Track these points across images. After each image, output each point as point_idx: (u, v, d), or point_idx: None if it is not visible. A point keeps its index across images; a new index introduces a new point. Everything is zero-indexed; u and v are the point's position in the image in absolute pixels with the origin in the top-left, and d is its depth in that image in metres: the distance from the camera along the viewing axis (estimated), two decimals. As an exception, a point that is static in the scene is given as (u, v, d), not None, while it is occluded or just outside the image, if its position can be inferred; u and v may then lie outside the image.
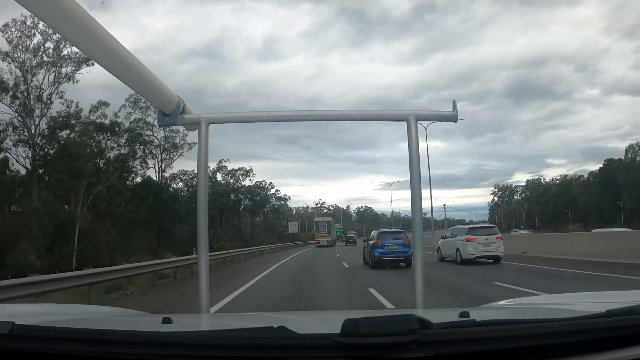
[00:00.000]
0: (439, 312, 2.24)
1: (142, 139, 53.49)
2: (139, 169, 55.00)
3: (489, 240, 18.03)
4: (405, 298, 7.78)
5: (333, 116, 2.60)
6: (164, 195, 56.71)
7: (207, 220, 2.26)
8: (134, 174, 54.71)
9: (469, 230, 18.94)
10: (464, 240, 18.35)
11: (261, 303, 10.06)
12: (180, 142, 56.80)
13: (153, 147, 55.68)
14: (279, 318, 1.91)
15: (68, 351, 1.17)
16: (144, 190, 54.56)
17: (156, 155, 56.82)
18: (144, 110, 51.73)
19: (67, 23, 1.52)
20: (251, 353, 1.15)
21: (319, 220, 66.07)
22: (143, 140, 53.64)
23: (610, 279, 11.84)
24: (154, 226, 52.69)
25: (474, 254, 17.69)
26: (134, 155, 52.94)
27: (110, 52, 1.71)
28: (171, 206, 57.17)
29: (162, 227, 53.84)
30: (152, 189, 55.06)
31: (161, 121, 2.25)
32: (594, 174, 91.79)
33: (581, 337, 1.21)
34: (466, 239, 18.24)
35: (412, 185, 2.25)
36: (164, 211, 55.19)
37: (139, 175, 55.43)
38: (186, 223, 56.44)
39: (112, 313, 2.18)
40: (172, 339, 1.24)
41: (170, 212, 56.58)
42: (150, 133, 53.80)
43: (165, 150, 57.89)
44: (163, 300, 11.03)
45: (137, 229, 48.96)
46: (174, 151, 58.20)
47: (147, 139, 54.38)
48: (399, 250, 17.74)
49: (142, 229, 50.05)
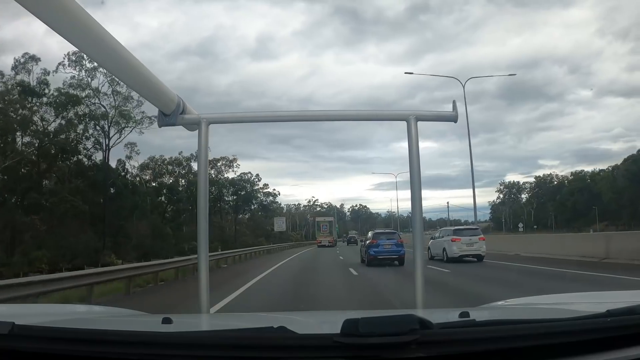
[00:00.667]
0: (439, 312, 2.25)
1: (79, 104, 41.40)
2: (86, 148, 43.82)
3: (472, 240, 19.70)
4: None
5: (333, 116, 2.60)
6: (113, 182, 45.07)
7: (207, 220, 2.26)
8: (74, 154, 42.90)
9: (454, 232, 20.66)
10: (449, 241, 20.05)
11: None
12: (136, 111, 44.37)
13: (93, 117, 43.26)
14: (279, 318, 1.91)
15: (68, 351, 1.17)
16: (86, 175, 43.29)
17: (101, 129, 44.69)
18: (90, 72, 40.87)
19: (66, 23, 1.52)
20: (251, 353, 1.15)
21: (320, 220, 65.82)
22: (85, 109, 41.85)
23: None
24: (101, 223, 42.22)
25: (458, 253, 19.41)
26: (71, 128, 41.85)
27: (111, 52, 1.71)
28: (125, 198, 45.68)
29: (107, 223, 42.36)
30: (100, 175, 44.13)
31: (161, 121, 2.25)
32: (617, 167, 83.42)
33: (581, 337, 1.21)
34: (451, 240, 19.93)
35: (412, 185, 2.25)
36: (116, 203, 44.34)
37: (81, 155, 43.74)
38: (147, 220, 47.97)
39: (112, 313, 2.18)
40: (172, 339, 1.24)
41: (124, 206, 45.41)
42: (96, 101, 42.80)
43: (116, 123, 44.92)
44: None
45: (78, 224, 39.17)
46: (126, 124, 45.47)
47: (93, 110, 42.62)
48: (393, 250, 19.25)
49: (88, 225, 40.26)
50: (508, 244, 25.52)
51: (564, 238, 24.24)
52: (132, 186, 49.94)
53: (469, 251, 19.54)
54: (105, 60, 1.77)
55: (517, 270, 15.30)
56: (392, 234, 21.12)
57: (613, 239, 17.60)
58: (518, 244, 24.62)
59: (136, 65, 1.85)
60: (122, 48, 1.74)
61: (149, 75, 1.95)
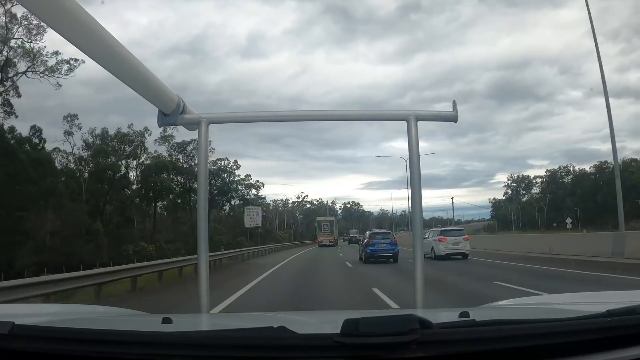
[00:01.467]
0: (439, 312, 2.25)
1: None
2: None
3: (457, 240, 22.20)
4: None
5: (333, 116, 2.60)
6: (12, 155, 30.09)
7: (207, 220, 2.26)
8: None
9: (441, 233, 23.34)
10: (437, 241, 22.45)
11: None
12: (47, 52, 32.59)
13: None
14: (279, 318, 1.91)
15: (68, 351, 1.17)
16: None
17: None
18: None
19: (66, 22, 1.52)
20: (251, 353, 1.15)
21: (321, 219, 66.14)
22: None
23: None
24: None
25: (444, 251, 21.86)
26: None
27: (110, 51, 1.71)
28: (36, 180, 30.53)
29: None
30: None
31: (161, 121, 2.26)
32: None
33: (581, 337, 1.21)
34: (438, 240, 22.41)
35: (412, 185, 2.25)
36: (12, 187, 29.42)
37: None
38: (68, 212, 32.80)
39: (112, 313, 2.18)
40: (172, 339, 1.24)
41: (29, 191, 30.18)
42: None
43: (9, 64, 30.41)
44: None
45: None
46: (32, 68, 32.47)
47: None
48: (387, 248, 21.63)
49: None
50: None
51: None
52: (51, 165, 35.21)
53: (455, 250, 21.88)
54: (105, 60, 1.77)
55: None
56: (387, 233, 23.53)
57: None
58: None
59: (136, 65, 1.85)
60: (122, 47, 1.74)
61: (149, 75, 1.95)
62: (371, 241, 22.05)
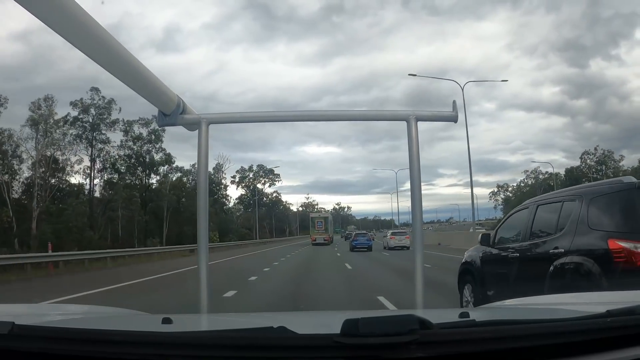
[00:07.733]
0: (438, 312, 2.25)
1: None
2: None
3: (401, 238, 35.69)
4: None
5: (333, 116, 2.60)
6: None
7: (207, 220, 2.26)
8: None
9: (392, 233, 39.16)
10: (388, 238, 38.22)
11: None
12: None
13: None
14: (279, 318, 1.91)
15: (68, 351, 1.17)
16: None
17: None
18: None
19: (66, 23, 1.52)
20: (251, 353, 1.16)
21: (314, 216, 64.00)
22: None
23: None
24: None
25: (393, 245, 35.82)
26: None
27: (110, 52, 1.71)
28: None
29: None
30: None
31: (161, 121, 2.26)
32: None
33: (581, 337, 1.21)
34: (390, 237, 37.63)
35: (412, 185, 2.25)
36: None
37: None
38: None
39: (112, 313, 2.18)
40: (172, 339, 1.24)
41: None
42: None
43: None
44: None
45: None
46: None
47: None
48: (365, 243, 36.47)
49: None
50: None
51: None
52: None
53: (399, 244, 35.08)
54: (104, 60, 1.77)
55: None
56: (365, 234, 40.89)
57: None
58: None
59: (136, 65, 1.86)
60: (122, 48, 1.75)
61: (149, 75, 1.96)
62: (356, 238, 38.01)
